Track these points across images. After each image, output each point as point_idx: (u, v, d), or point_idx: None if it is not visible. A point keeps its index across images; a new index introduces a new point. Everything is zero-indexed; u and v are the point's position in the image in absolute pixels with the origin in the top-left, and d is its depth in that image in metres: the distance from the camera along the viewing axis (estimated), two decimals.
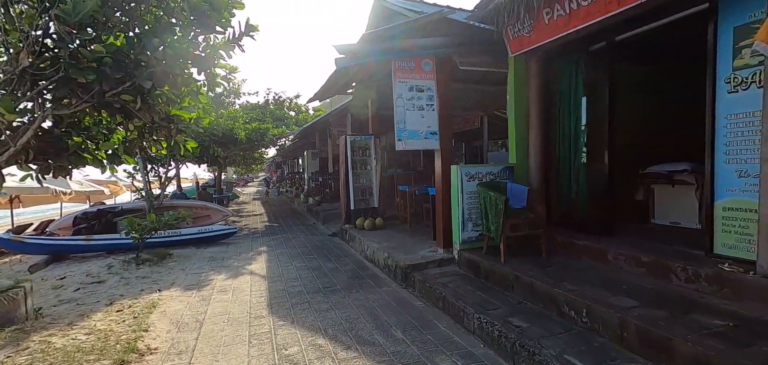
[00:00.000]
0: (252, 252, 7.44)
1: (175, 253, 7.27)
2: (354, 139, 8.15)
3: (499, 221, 4.27)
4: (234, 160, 21.56)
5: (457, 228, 5.04)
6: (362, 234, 7.18)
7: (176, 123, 4.60)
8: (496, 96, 10.50)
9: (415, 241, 6.31)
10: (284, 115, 15.72)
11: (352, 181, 8.05)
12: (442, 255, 5.31)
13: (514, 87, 5.24)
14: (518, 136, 5.29)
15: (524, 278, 3.76)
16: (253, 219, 13.05)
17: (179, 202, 10.56)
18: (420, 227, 7.46)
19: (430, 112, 5.39)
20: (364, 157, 8.33)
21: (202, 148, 9.74)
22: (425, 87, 5.37)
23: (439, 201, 5.50)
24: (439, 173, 5.44)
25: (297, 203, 16.85)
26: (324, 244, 7.97)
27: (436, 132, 5.39)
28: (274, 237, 9.24)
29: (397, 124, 5.23)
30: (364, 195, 8.34)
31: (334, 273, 5.66)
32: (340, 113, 11.67)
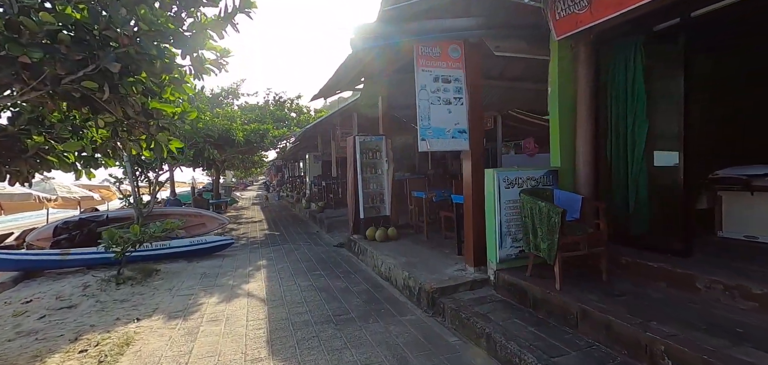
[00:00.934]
0: (250, 267, 6.62)
1: (163, 269, 6.45)
2: (363, 140, 7.35)
3: (553, 238, 3.46)
4: (232, 163, 20.79)
5: (492, 243, 4.23)
6: (374, 247, 6.37)
7: (156, 118, 3.80)
8: (513, 93, 9.71)
9: (437, 256, 5.49)
10: (285, 116, 14.95)
11: (361, 187, 7.24)
12: (473, 275, 4.49)
13: (558, 77, 4.44)
14: (563, 134, 4.48)
15: (595, 313, 2.94)
16: (252, 227, 12.23)
17: (172, 210, 9.75)
18: (438, 238, 6.65)
19: (458, 107, 4.58)
20: (375, 159, 7.52)
21: (196, 150, 8.97)
22: (452, 77, 4.58)
23: (468, 211, 4.69)
24: (469, 178, 4.63)
25: (298, 208, 16.04)
26: (330, 257, 7.15)
27: (464, 130, 4.58)
28: (274, 247, 8.42)
29: (420, 120, 4.42)
30: (375, 202, 7.53)
31: (345, 296, 4.84)
32: (345, 113, 10.88)
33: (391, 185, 7.49)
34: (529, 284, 3.70)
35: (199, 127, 8.76)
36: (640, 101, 4.07)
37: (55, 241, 7.63)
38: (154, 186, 8.72)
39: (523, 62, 7.83)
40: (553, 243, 3.48)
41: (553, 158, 4.62)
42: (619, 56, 4.22)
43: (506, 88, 9.28)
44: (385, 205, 7.53)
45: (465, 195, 4.75)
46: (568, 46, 4.40)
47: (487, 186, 4.29)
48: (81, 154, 4.24)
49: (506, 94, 9.60)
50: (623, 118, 4.25)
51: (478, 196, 4.59)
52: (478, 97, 4.70)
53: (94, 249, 6.30)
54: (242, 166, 24.13)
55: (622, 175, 4.29)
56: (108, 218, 8.53)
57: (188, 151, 8.34)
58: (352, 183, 7.37)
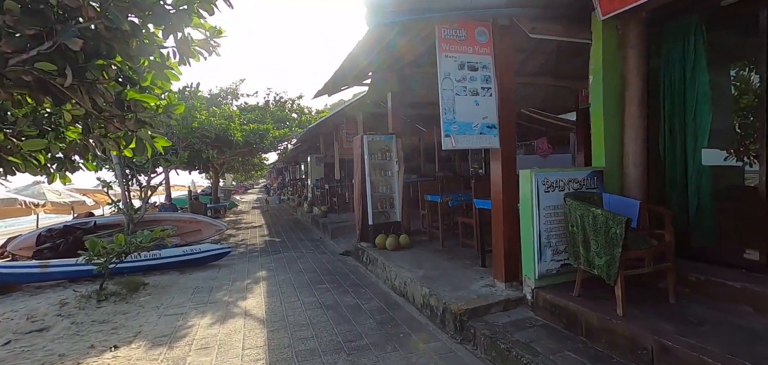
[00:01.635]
0: (248, 280, 6.01)
1: (152, 282, 5.84)
2: (372, 139, 6.75)
3: (613, 252, 2.85)
4: (232, 165, 20.20)
5: (530, 257, 3.62)
6: (385, 257, 5.76)
7: (135, 111, 3.20)
8: (529, 90, 9.11)
9: (458, 269, 4.88)
10: (286, 117, 14.36)
11: (369, 190, 6.64)
12: (505, 292, 3.88)
13: (603, 62, 3.84)
14: (608, 130, 3.88)
15: (682, 351, 2.33)
16: (252, 233, 11.62)
17: (166, 216, 9.15)
18: (455, 247, 6.05)
19: (487, 99, 3.98)
20: (384, 160, 6.92)
21: (191, 151, 8.39)
22: (480, 64, 3.98)
23: (498, 218, 4.08)
24: (499, 181, 4.02)
25: (300, 213, 15.44)
26: (336, 267, 6.54)
27: (494, 125, 3.98)
28: (275, 256, 7.81)
29: (444, 114, 3.82)
30: (384, 206, 6.92)
31: (356, 315, 4.23)
32: (349, 113, 10.29)
33: (401, 188, 6.88)
34: (581, 307, 3.08)
35: (194, 126, 8.18)
36: (702, 91, 3.47)
37: (37, 251, 7.04)
38: (145, 191, 8.13)
39: (542, 56, 7.26)
40: (613, 259, 2.87)
41: (595, 157, 4.01)
42: (677, 36, 3.63)
43: (522, 85, 8.66)
44: (395, 210, 6.92)
45: (494, 200, 4.15)
46: (615, 27, 3.82)
47: (522, 190, 3.69)
48: (54, 156, 3.65)
49: (521, 91, 8.99)
50: (680, 112, 3.65)
51: (510, 201, 4.00)
52: (510, 87, 4.10)
53: (76, 260, 5.69)
54: (242, 169, 23.55)
55: (678, 178, 3.69)
56: (96, 225, 7.94)
57: (182, 153, 7.77)
58: (360, 187, 6.77)
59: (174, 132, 7.91)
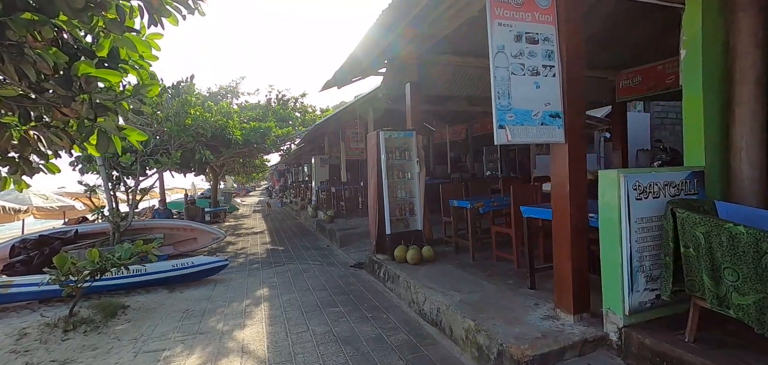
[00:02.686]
0: (247, 300, 5.15)
1: (135, 304, 4.99)
2: (390, 136, 5.88)
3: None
4: (232, 167, 19.38)
5: (616, 285, 2.75)
6: (408, 273, 4.89)
7: (88, 91, 2.35)
8: None
9: (502, 292, 4.00)
10: (289, 115, 13.57)
11: (387, 195, 5.77)
12: (577, 329, 3.00)
13: (703, 29, 2.97)
14: (709, 119, 3.01)
15: None
16: (253, 240, 10.77)
17: (157, 223, 8.32)
18: (487, 261, 5.19)
19: (550, 80, 3.12)
20: (403, 160, 6.05)
21: (184, 151, 7.55)
22: (540, 35, 3.11)
23: (562, 232, 3.21)
24: (565, 184, 3.15)
25: (304, 217, 14.59)
26: (349, 284, 5.67)
27: (558, 113, 3.11)
28: (278, 269, 6.95)
29: (497, 99, 2.95)
30: (403, 213, 6.05)
31: (380, 352, 3.36)
32: (358, 109, 9.43)
33: (423, 192, 6.01)
34: (708, 361, 2.21)
35: (188, 123, 7.35)
36: None
37: (8, 264, 6.19)
38: (133, 195, 7.29)
39: None
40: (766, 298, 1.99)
41: (690, 154, 3.14)
42: None
43: None
44: (416, 218, 6.06)
45: (556, 209, 3.27)
46: None
47: (604, 197, 2.82)
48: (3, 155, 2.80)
49: None
50: None
51: (579, 210, 3.12)
52: (579, 65, 3.23)
53: (44, 279, 4.84)
54: (243, 171, 22.75)
55: None
56: (77, 234, 7.09)
57: (174, 153, 6.94)
58: (375, 191, 5.90)
59: (163, 127, 7.04)
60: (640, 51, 6.99)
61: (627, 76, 7.76)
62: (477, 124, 13.22)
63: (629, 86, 7.75)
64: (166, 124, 6.96)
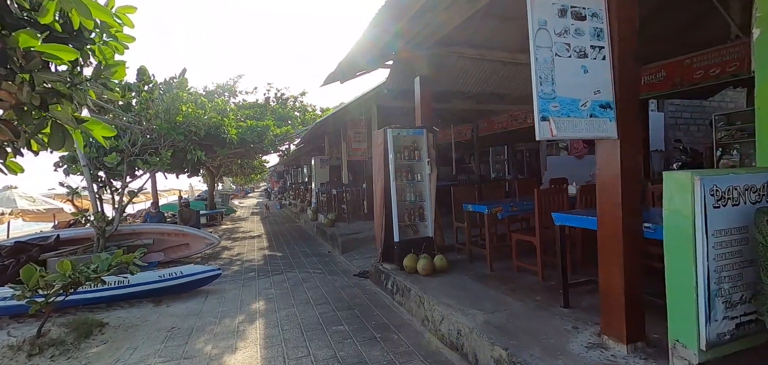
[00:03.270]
0: (241, 316, 4.64)
1: (114, 320, 4.47)
2: (398, 134, 5.38)
3: None
4: (229, 168, 18.85)
5: (689, 312, 2.24)
6: (420, 286, 4.39)
7: (30, 68, 1.84)
8: None
9: (531, 311, 3.49)
10: (289, 115, 13.06)
11: (395, 198, 5.26)
12: (633, 362, 2.49)
13: None
14: None
15: None
16: (249, 245, 10.24)
17: (146, 227, 7.80)
18: (507, 272, 4.69)
19: (599, 63, 2.61)
20: (412, 161, 5.55)
21: (175, 150, 7.03)
22: (588, 9, 2.61)
23: (611, 245, 2.70)
24: (617, 187, 2.64)
25: (303, 220, 14.08)
26: (354, 297, 5.16)
27: (609, 104, 2.61)
28: (276, 277, 6.44)
29: (539, 85, 2.45)
30: (412, 218, 5.54)
31: None
32: (361, 107, 8.92)
33: (434, 196, 5.50)
34: None
35: (179, 121, 6.82)
36: None
37: None
38: (120, 198, 6.77)
39: None
40: None
41: (762, 153, 2.63)
42: None
43: None
44: (426, 224, 5.55)
45: (604, 218, 2.76)
46: None
47: (671, 204, 2.31)
48: None
49: None
50: None
51: (634, 218, 2.63)
52: (632, 45, 2.72)
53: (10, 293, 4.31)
54: (241, 172, 22.23)
55: None
56: (59, 240, 6.57)
57: (164, 152, 6.42)
58: (382, 194, 5.40)
59: (152, 125, 6.51)
60: (666, 44, 6.50)
61: (650, 71, 7.27)
62: (483, 123, 12.72)
63: (652, 82, 7.25)
64: (156, 121, 6.45)
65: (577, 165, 10.62)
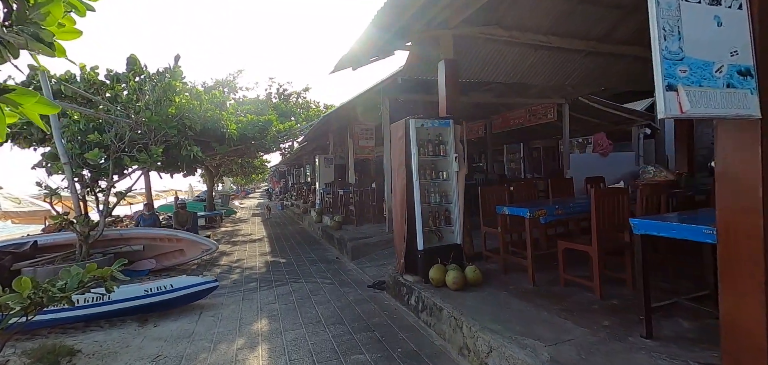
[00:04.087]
0: (240, 340, 3.92)
1: (89, 346, 3.76)
2: (421, 125, 4.65)
3: None
4: (229, 167, 18.14)
5: None
6: (452, 304, 3.68)
7: None
8: (613, 66, 7.02)
9: (603, 341, 2.77)
10: (292, 111, 12.36)
11: (418, 200, 4.53)
12: None
13: None
14: None
15: None
16: (250, 249, 9.53)
17: (136, 232, 7.09)
18: (551, 283, 3.99)
19: (735, 15, 1.89)
20: (437, 156, 4.83)
21: (168, 146, 6.28)
22: None
23: (742, 263, 1.97)
24: (757, 182, 1.92)
25: (307, 221, 13.36)
26: (371, 313, 4.45)
27: (749, 70, 1.89)
28: (280, 289, 5.72)
29: (660, 41, 1.72)
30: (437, 222, 4.82)
31: None
32: (369, 100, 8.19)
33: (463, 197, 4.78)
34: None
35: (171, 113, 6.08)
36: None
37: None
38: (105, 199, 6.06)
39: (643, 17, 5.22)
40: None
41: None
42: None
43: (604, 57, 6.62)
44: (453, 228, 4.82)
45: (728, 225, 2.03)
46: None
47: None
48: None
49: (597, 68, 6.94)
50: None
51: None
52: None
53: None
54: (241, 172, 21.53)
55: None
56: (36, 246, 5.86)
57: (155, 148, 5.68)
58: (402, 195, 4.67)
59: (142, 117, 5.76)
60: None
61: None
62: (497, 119, 12.00)
63: None
64: (145, 113, 5.74)
65: (603, 164, 9.90)
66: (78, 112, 6.11)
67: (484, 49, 5.83)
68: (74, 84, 7.14)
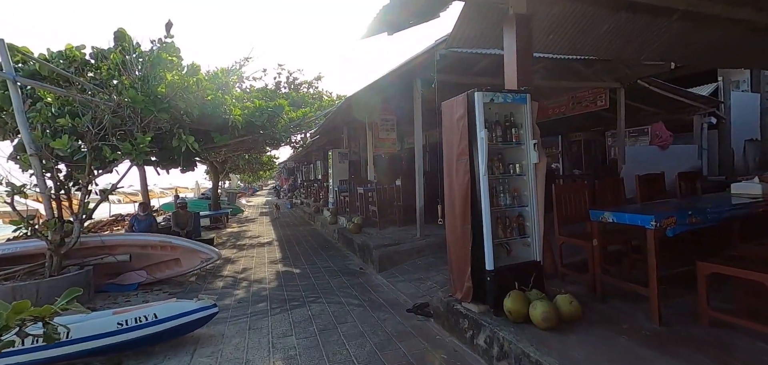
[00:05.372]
0: None
1: None
2: (491, 99, 3.42)
3: None
4: (236, 164, 17.06)
5: None
6: (552, 357, 2.47)
7: None
8: (685, 34, 5.71)
9: None
10: (303, 100, 11.22)
11: (486, 201, 3.31)
12: None
13: None
14: None
15: None
16: (258, 255, 8.40)
17: (122, 239, 5.98)
18: (685, 322, 2.76)
19: None
20: (506, 143, 3.60)
21: (159, 134, 5.06)
22: None
23: None
24: None
25: (320, 222, 12.22)
26: (422, 359, 3.25)
27: None
28: (296, 313, 4.56)
29: None
30: (507, 231, 3.59)
31: None
32: (399, 81, 6.94)
33: (542, 197, 3.55)
34: None
35: (160, 93, 4.85)
36: None
37: None
38: (82, 197, 4.93)
39: None
40: None
41: None
42: None
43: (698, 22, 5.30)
44: (528, 239, 3.59)
45: None
46: None
47: None
48: None
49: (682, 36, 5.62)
50: None
51: None
52: None
53: None
54: (248, 168, 20.47)
55: None
56: None
57: (141, 136, 4.53)
58: (465, 193, 3.45)
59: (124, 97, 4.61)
60: None
61: None
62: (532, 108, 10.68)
63: None
64: (129, 92, 4.57)
65: (661, 157, 8.57)
66: (52, 94, 5.01)
67: (555, 8, 4.59)
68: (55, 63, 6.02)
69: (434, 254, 6.18)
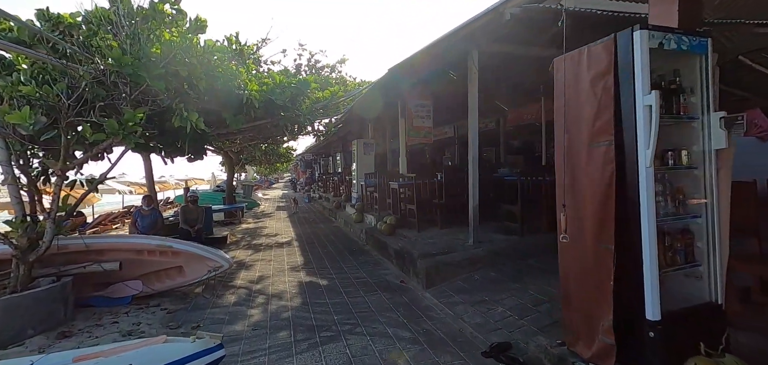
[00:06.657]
0: None
1: None
2: (661, 42, 2.14)
3: None
4: (252, 154, 16.05)
5: None
6: None
7: None
8: None
9: None
10: (327, 82, 10.05)
11: (648, 208, 2.04)
12: None
13: None
14: None
15: None
16: (276, 260, 7.29)
17: (113, 243, 4.93)
18: None
19: None
20: (669, 116, 2.31)
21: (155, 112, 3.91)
22: None
23: None
24: None
25: (343, 219, 11.08)
26: None
27: None
28: (329, 352, 3.37)
29: None
30: (669, 253, 2.31)
31: None
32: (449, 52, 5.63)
33: (727, 203, 2.26)
34: None
35: (155, 54, 3.67)
36: None
37: None
38: (56, 191, 3.87)
39: None
40: None
41: None
42: None
43: None
44: (699, 269, 2.30)
45: None
46: None
47: None
48: None
49: None
50: None
51: None
52: None
53: None
54: (265, 160, 19.48)
55: None
56: None
57: (130, 113, 3.41)
58: (601, 194, 2.19)
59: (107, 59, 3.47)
60: None
61: None
62: None
63: None
64: (113, 52, 3.44)
65: (761, 151, 7.05)
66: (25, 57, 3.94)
67: None
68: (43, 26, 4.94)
69: (495, 267, 4.92)
